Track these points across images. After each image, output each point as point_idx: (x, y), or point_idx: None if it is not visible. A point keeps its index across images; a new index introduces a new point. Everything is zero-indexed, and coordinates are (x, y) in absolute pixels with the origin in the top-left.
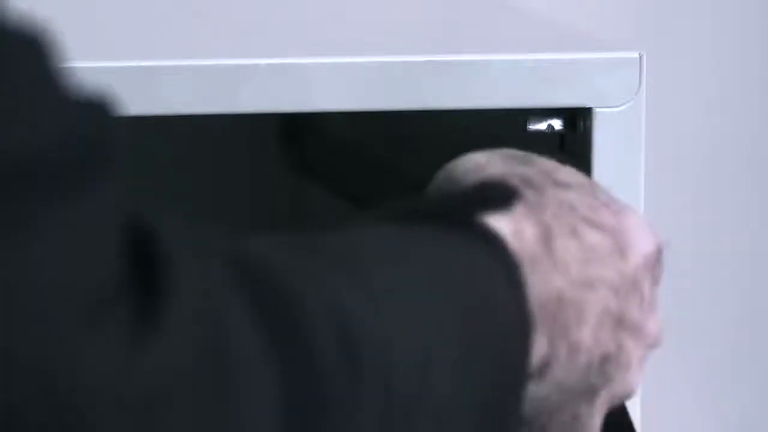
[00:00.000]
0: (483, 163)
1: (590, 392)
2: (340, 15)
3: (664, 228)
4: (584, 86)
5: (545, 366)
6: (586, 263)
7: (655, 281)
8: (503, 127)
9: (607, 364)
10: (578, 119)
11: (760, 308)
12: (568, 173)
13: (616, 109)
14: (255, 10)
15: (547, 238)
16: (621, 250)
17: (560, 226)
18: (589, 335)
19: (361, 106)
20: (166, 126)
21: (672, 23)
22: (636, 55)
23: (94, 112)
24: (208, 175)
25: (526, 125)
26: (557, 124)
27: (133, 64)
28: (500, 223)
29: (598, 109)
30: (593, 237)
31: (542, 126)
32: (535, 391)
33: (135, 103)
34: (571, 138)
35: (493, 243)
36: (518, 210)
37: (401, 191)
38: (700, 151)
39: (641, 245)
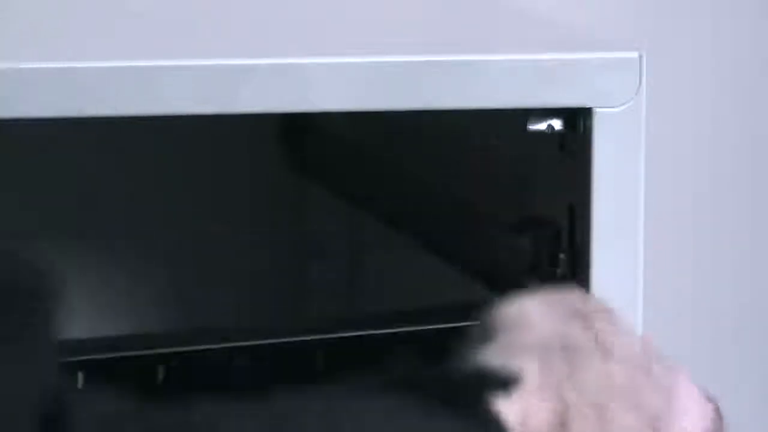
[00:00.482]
0: (533, 318)
1: None
2: (340, 15)
3: (664, 228)
4: (584, 86)
5: None
6: None
7: None
8: (503, 127)
9: None
10: (578, 119)
11: (760, 308)
12: (620, 338)
13: (616, 109)
14: (255, 10)
15: (563, 422)
16: None
17: (585, 406)
18: None
19: (361, 106)
20: (166, 126)
21: (672, 23)
22: (636, 55)
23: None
24: (208, 175)
25: (526, 125)
26: (557, 124)
27: (133, 64)
28: (511, 407)
29: (598, 109)
30: (625, 419)
31: (542, 126)
32: None
33: (135, 103)
34: (571, 138)
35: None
36: (537, 388)
37: (401, 191)
38: (700, 151)
39: (683, 427)
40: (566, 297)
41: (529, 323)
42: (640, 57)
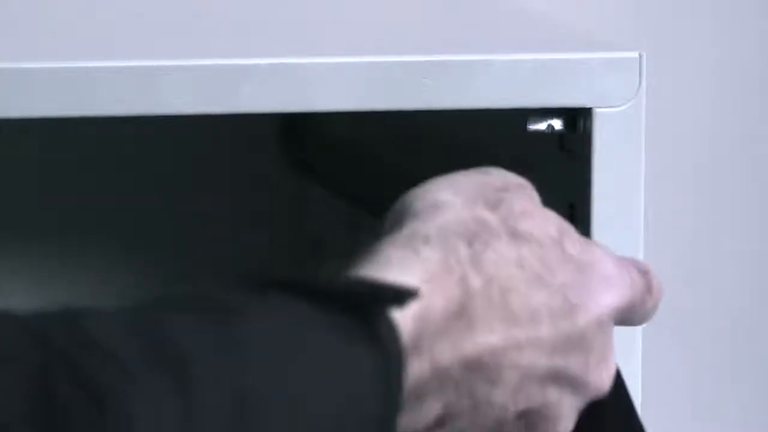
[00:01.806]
0: (441, 203)
1: None
2: (340, 15)
3: (665, 228)
4: (584, 86)
5: (442, 422)
6: (514, 325)
7: (632, 323)
8: (503, 127)
9: (527, 416)
10: (578, 119)
11: (760, 308)
12: (537, 222)
13: (616, 109)
14: (255, 10)
15: (462, 309)
16: (571, 307)
17: (490, 290)
18: (504, 394)
19: (361, 106)
20: (166, 126)
21: (672, 23)
22: (636, 55)
23: None
24: (209, 175)
25: (526, 125)
26: (557, 124)
27: (133, 64)
28: (406, 310)
29: (598, 109)
30: (535, 297)
31: (542, 126)
32: None
33: (135, 103)
34: (571, 138)
35: (377, 337)
36: (435, 278)
37: (401, 191)
38: (700, 151)
39: (598, 301)
40: (478, 178)
41: (435, 208)
42: (640, 57)
